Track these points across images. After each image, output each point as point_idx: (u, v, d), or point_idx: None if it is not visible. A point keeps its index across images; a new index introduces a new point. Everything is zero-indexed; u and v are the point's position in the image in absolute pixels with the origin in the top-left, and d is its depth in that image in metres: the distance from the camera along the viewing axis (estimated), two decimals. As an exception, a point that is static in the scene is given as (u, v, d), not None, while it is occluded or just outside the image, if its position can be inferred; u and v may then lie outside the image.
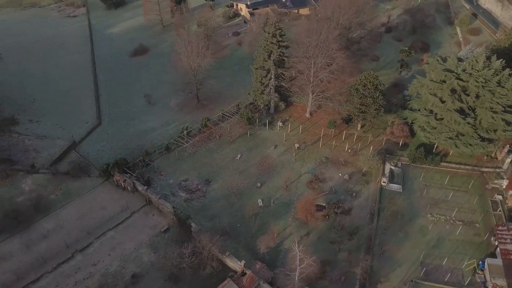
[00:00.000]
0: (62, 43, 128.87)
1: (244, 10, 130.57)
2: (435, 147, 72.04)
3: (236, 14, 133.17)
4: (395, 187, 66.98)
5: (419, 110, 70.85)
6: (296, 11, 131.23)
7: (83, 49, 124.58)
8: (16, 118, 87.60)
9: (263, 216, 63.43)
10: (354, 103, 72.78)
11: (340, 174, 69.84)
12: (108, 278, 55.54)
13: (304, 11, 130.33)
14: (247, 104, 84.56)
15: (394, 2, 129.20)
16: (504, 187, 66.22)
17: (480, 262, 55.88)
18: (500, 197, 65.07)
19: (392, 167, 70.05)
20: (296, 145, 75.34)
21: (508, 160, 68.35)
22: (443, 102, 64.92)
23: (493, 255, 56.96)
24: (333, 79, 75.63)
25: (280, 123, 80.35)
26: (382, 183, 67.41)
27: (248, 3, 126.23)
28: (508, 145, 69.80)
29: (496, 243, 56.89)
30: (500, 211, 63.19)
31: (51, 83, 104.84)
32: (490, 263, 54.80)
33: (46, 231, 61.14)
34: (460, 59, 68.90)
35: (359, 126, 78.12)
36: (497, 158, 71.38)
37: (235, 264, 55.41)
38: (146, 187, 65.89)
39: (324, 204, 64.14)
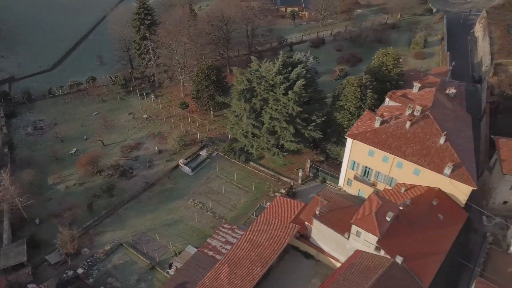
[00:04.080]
0: (92, 5, 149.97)
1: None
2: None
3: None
4: (186, 169, 70.56)
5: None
6: (283, 9, 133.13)
7: (104, 14, 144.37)
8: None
9: (68, 161, 73.35)
10: (194, 89, 77.26)
11: (156, 148, 75.57)
12: None
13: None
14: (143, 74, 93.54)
15: (391, 16, 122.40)
16: (282, 197, 64.82)
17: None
18: (271, 205, 64.13)
19: (202, 153, 73.24)
20: (145, 116, 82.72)
21: (300, 174, 66.35)
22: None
23: (210, 247, 58.16)
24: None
25: (153, 96, 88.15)
26: (180, 164, 71.55)
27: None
28: (309, 160, 67.44)
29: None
30: (256, 216, 62.80)
31: (50, 33, 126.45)
32: (186, 250, 56.87)
33: None
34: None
35: (212, 114, 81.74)
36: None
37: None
38: (3, 116, 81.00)
39: (115, 164, 71.40)
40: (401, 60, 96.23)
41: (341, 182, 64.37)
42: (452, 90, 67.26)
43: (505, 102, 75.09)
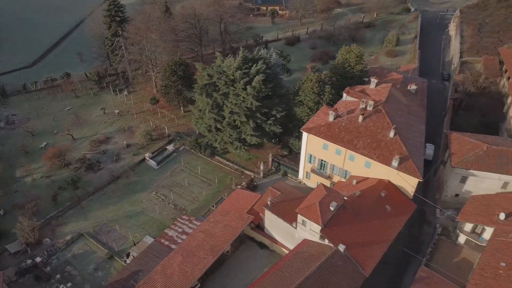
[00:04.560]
0: (78, 3, 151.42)
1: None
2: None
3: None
4: (152, 163, 71.85)
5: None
6: (264, 7, 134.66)
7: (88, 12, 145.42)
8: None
9: (37, 155, 74.57)
10: (162, 85, 78.67)
11: (125, 142, 76.85)
12: None
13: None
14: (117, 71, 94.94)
15: (367, 15, 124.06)
16: (242, 190, 66.16)
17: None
18: (231, 197, 65.43)
19: (168, 148, 74.60)
20: (117, 111, 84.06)
21: (262, 168, 67.75)
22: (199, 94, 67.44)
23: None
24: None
25: (125, 92, 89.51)
26: (146, 158, 72.88)
27: None
28: (271, 154, 68.83)
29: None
30: (214, 207, 64.18)
31: (34, 31, 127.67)
32: (144, 240, 58.21)
33: None
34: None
35: (182, 109, 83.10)
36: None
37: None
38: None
39: (82, 158, 72.71)
40: (373, 57, 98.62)
41: (300, 175, 65.80)
42: (413, 87, 68.70)
43: (468, 99, 76.69)
